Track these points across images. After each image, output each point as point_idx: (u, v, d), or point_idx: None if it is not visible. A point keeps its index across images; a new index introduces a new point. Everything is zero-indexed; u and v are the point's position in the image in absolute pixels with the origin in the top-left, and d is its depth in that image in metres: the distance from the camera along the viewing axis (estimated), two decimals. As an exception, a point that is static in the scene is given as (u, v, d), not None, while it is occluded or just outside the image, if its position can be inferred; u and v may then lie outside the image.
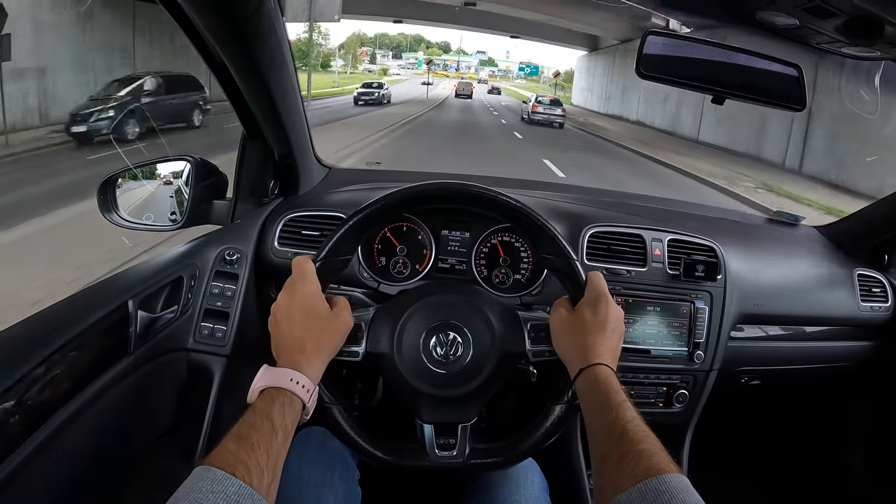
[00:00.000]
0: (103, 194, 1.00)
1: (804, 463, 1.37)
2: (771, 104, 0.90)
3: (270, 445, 0.53)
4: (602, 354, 0.64)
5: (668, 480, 0.49)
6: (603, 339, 0.65)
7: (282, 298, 0.65)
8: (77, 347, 0.68)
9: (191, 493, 0.46)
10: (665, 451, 0.54)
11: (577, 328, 0.67)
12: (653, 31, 0.82)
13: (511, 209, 0.72)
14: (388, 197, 0.71)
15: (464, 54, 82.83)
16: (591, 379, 0.62)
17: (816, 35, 0.82)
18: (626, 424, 0.56)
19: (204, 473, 0.48)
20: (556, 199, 1.17)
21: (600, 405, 0.59)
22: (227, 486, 0.47)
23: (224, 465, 0.48)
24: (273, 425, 0.55)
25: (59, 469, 0.66)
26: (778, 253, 1.20)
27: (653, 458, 0.52)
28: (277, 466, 0.54)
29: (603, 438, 0.56)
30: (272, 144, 0.99)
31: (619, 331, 0.68)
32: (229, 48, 0.75)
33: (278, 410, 0.56)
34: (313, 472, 0.77)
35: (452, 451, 0.69)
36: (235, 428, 0.53)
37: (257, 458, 0.51)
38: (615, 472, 0.52)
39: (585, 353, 0.64)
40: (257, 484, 0.49)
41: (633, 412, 0.57)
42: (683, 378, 1.01)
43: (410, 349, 0.69)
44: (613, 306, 0.68)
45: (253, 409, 0.56)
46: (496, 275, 1.00)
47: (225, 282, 0.92)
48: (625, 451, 0.53)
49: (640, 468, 0.51)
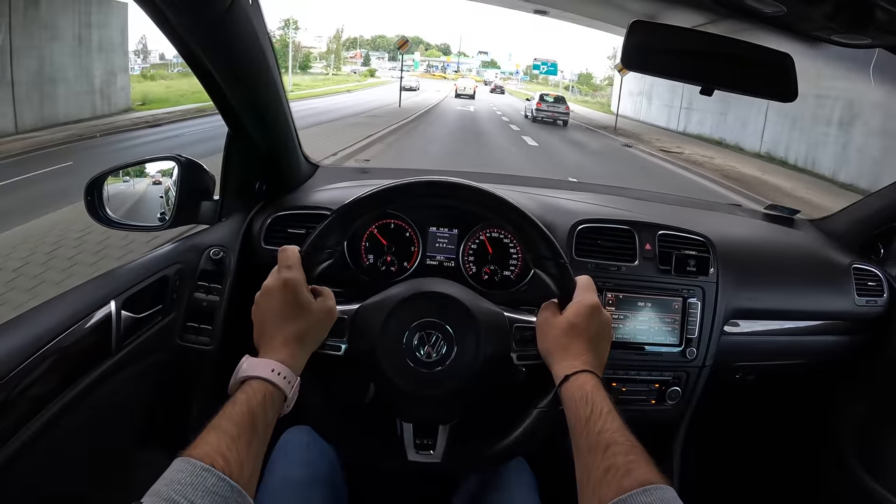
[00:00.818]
0: (90, 195, 1.00)
1: (799, 458, 1.36)
2: (761, 95, 0.89)
3: (251, 438, 0.52)
4: (589, 362, 0.63)
5: (654, 493, 0.48)
6: (590, 346, 0.65)
7: (266, 286, 0.65)
8: (58, 350, 0.68)
9: (169, 484, 0.45)
10: (652, 463, 0.53)
11: (564, 333, 0.65)
12: (637, 21, 0.80)
13: (500, 206, 0.71)
14: (376, 190, 0.70)
15: (464, 56, 79.76)
16: (577, 387, 0.61)
17: (805, 22, 0.81)
18: (613, 435, 0.54)
19: (182, 465, 0.47)
20: (545, 194, 1.15)
21: (586, 414, 0.57)
22: (205, 478, 0.46)
23: (203, 458, 0.48)
24: (253, 417, 0.54)
25: (42, 471, 0.66)
26: (772, 247, 1.19)
27: (639, 471, 0.51)
28: (258, 459, 0.53)
29: (587, 450, 0.55)
30: (257, 143, 0.98)
31: (608, 338, 0.67)
32: (206, 46, 0.74)
33: (259, 402, 0.55)
34: (298, 473, 0.77)
35: (430, 451, 0.68)
36: (215, 420, 0.53)
37: (237, 451, 0.50)
38: (600, 486, 0.51)
39: (572, 360, 0.63)
40: (237, 476, 0.49)
41: (618, 422, 0.56)
42: (676, 375, 0.99)
43: (393, 346, 0.68)
44: (603, 313, 0.67)
45: (233, 400, 0.55)
46: (485, 272, 0.99)
47: (211, 281, 0.92)
48: (610, 463, 0.52)
49: (627, 481, 0.50)
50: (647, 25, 0.82)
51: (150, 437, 0.87)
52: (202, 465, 0.47)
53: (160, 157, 1.04)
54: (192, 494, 0.45)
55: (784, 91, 0.86)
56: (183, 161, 1.01)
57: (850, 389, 1.25)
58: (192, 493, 0.45)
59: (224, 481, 0.47)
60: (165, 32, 0.75)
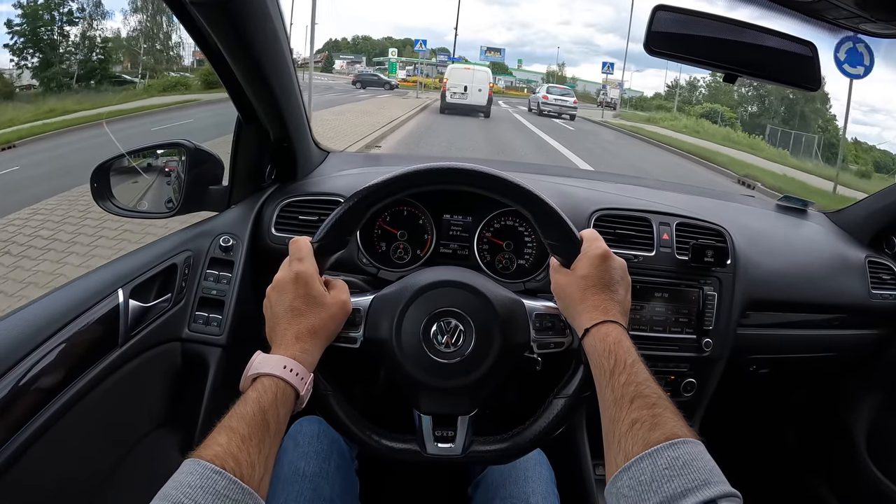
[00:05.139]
0: (97, 181, 0.98)
1: (810, 451, 1.35)
2: (784, 83, 0.87)
3: (262, 438, 0.51)
4: (609, 310, 0.60)
5: (682, 447, 0.47)
6: (608, 294, 0.62)
7: (277, 279, 0.63)
8: (65, 341, 0.66)
9: (178, 487, 0.44)
10: (679, 416, 0.51)
11: (579, 287, 0.63)
12: (661, 7, 0.78)
13: (517, 191, 0.68)
14: (389, 177, 0.67)
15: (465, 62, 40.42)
16: (599, 339, 0.58)
17: (834, 10, 0.78)
18: (638, 387, 0.52)
19: (193, 467, 0.46)
20: (562, 182, 1.14)
21: (609, 367, 0.55)
22: (216, 481, 0.45)
23: (213, 459, 0.47)
24: (265, 416, 0.52)
25: (51, 463, 0.65)
26: (787, 239, 1.18)
27: (666, 424, 0.49)
28: (269, 459, 0.52)
29: (613, 403, 0.53)
30: (268, 128, 0.96)
31: (626, 283, 0.65)
32: (219, 28, 0.72)
33: (270, 400, 0.54)
34: (309, 463, 0.76)
35: (451, 443, 0.66)
36: (226, 419, 0.51)
37: (248, 451, 0.49)
38: (626, 439, 0.49)
39: (590, 312, 0.60)
40: (248, 478, 0.47)
41: (645, 373, 0.54)
42: (692, 366, 0.98)
43: (410, 336, 0.66)
44: (614, 258, 0.64)
45: (244, 398, 0.54)
46: (499, 260, 0.97)
47: (220, 269, 0.90)
48: (636, 416, 0.50)
49: (653, 435, 0.48)
50: (670, 9, 0.80)
51: (157, 430, 0.86)
52: (213, 467, 0.46)
53: (167, 142, 1.02)
54: (202, 498, 0.44)
55: (808, 79, 0.84)
56: (191, 147, 0.99)
57: (862, 383, 1.25)
58: (202, 497, 0.44)
59: (235, 484, 0.46)
60: (177, 15, 0.74)
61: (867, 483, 1.19)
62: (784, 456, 1.40)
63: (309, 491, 0.73)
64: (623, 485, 0.47)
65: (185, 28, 0.77)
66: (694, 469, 0.45)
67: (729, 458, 1.15)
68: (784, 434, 1.41)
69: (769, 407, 1.42)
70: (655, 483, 0.45)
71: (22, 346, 0.62)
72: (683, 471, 0.45)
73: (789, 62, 0.84)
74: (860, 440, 1.22)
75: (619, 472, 0.48)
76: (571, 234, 0.66)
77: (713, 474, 0.45)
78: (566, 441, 0.98)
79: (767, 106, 26.97)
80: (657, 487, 0.45)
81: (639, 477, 0.46)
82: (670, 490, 0.44)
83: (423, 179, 0.68)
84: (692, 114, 26.19)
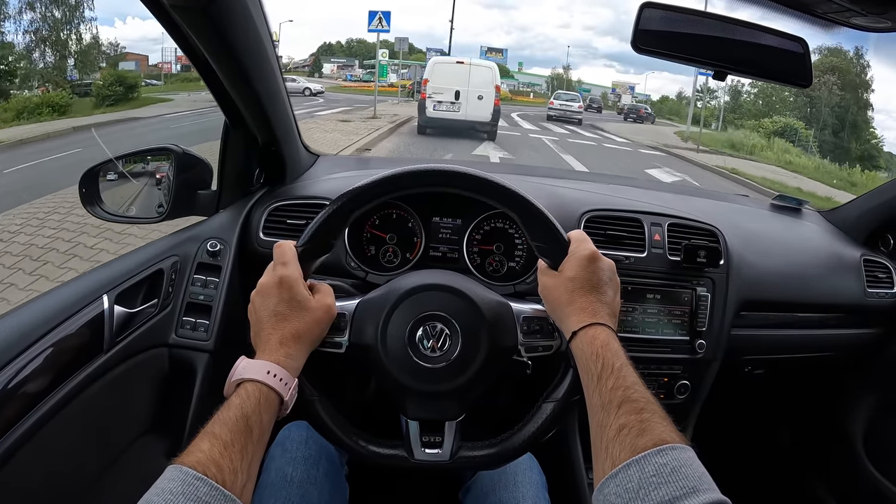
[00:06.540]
0: (85, 187, 0.98)
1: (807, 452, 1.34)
2: (776, 80, 0.86)
3: (245, 444, 0.50)
4: (597, 313, 0.59)
5: (670, 453, 0.46)
6: (596, 296, 0.61)
7: (261, 284, 0.62)
8: (49, 346, 0.66)
9: (160, 494, 0.44)
10: (669, 420, 0.49)
11: (566, 289, 0.61)
12: (649, 4, 0.77)
13: (503, 193, 0.67)
14: (373, 180, 0.66)
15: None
16: (587, 342, 0.57)
17: (824, 4, 0.77)
18: (626, 391, 0.51)
19: (174, 474, 0.46)
20: (552, 183, 1.13)
21: (597, 371, 0.54)
22: (197, 487, 0.45)
23: (196, 465, 0.46)
24: (248, 422, 0.52)
25: (37, 469, 0.64)
26: (782, 238, 1.17)
27: (655, 429, 0.48)
28: (253, 466, 0.51)
29: (600, 407, 0.52)
30: (255, 132, 0.96)
31: (614, 285, 0.64)
32: (201, 32, 0.72)
33: (253, 406, 0.53)
34: (297, 469, 0.75)
35: (438, 449, 0.65)
36: (209, 425, 0.51)
37: (230, 458, 0.48)
38: (613, 445, 0.48)
39: (578, 315, 0.59)
40: (230, 484, 0.47)
41: (634, 377, 0.53)
42: (685, 368, 0.97)
43: (395, 341, 0.65)
44: (602, 259, 0.63)
45: (227, 404, 0.53)
46: (489, 263, 0.96)
47: (208, 274, 0.89)
48: (623, 421, 0.49)
49: (641, 441, 0.47)
50: (657, 6, 0.79)
51: (144, 436, 0.85)
52: (194, 473, 0.45)
53: (156, 147, 1.02)
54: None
55: (799, 76, 0.83)
56: (179, 151, 0.99)
57: (859, 383, 1.23)
58: (183, 503, 0.43)
59: (217, 490, 0.45)
60: (160, 20, 0.73)
61: (866, 484, 1.17)
62: (781, 457, 1.39)
63: (297, 497, 0.72)
64: (610, 492, 0.46)
65: (168, 32, 0.77)
66: (682, 476, 0.44)
67: (725, 460, 1.14)
68: (781, 435, 1.40)
69: (765, 408, 1.40)
70: (643, 490, 0.44)
71: (4, 353, 0.61)
72: (672, 477, 0.44)
73: (780, 59, 0.83)
74: (858, 440, 1.21)
75: (605, 479, 0.47)
76: (558, 236, 0.65)
77: (702, 481, 0.44)
78: (558, 445, 0.97)
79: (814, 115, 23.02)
80: (644, 495, 0.44)
81: (626, 484, 0.45)
82: (658, 497, 0.43)
83: (407, 182, 0.67)
84: (749, 128, 21.34)
